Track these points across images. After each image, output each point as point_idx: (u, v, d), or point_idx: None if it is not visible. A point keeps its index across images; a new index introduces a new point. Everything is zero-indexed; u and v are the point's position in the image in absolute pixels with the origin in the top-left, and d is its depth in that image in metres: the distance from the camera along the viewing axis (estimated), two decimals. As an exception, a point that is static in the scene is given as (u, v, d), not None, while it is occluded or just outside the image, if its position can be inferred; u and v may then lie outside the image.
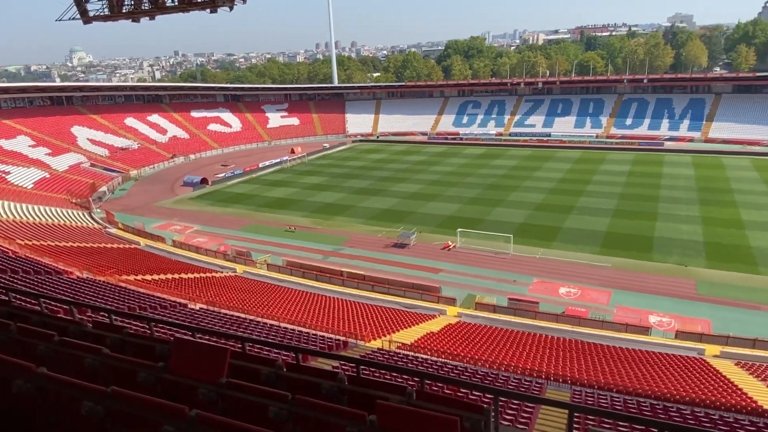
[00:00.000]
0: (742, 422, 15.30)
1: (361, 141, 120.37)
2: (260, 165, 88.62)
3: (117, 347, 7.41)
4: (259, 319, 26.85)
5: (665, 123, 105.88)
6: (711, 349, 27.92)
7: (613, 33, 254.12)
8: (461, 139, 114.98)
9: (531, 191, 67.10)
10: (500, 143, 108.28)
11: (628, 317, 32.69)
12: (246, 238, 51.72)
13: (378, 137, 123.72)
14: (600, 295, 37.31)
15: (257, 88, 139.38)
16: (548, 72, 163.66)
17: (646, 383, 21.23)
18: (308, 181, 78.52)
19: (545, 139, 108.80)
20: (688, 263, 41.89)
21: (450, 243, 48.39)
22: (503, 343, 27.21)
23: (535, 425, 13.80)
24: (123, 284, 29.06)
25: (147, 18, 15.77)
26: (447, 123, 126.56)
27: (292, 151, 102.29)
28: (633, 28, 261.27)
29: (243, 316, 26.82)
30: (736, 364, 25.74)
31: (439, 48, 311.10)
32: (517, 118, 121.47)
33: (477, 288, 39.15)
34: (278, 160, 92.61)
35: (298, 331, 25.07)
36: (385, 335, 27.02)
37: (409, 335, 27.66)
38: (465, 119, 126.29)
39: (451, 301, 35.88)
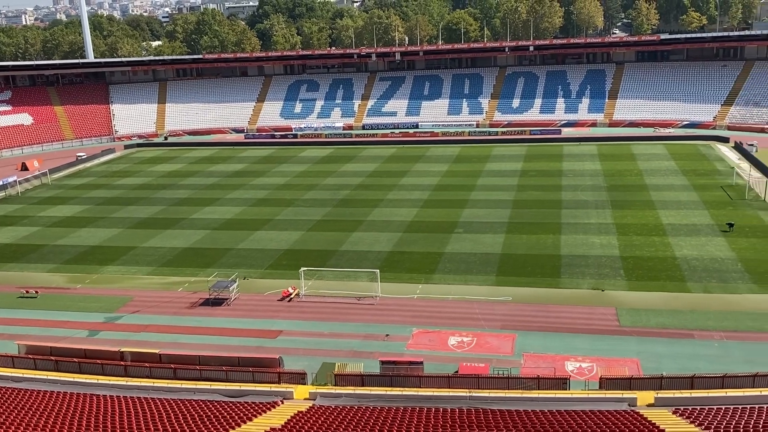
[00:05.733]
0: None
1: (139, 146, 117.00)
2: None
3: None
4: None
5: (560, 103, 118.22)
6: (643, 397, 31.39)
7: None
8: (295, 136, 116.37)
9: (398, 205, 69.91)
10: (351, 140, 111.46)
11: (539, 367, 35.41)
12: (-45, 316, 47.07)
13: (166, 138, 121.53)
14: (501, 341, 39.86)
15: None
16: (407, 39, 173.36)
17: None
18: (54, 213, 74.11)
19: (411, 132, 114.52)
20: (604, 286, 46.76)
21: (291, 290, 48.37)
22: (377, 427, 27.72)
23: None
24: None
25: None
26: (272, 113, 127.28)
27: (24, 168, 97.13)
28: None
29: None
30: (674, 412, 29.24)
31: (252, 5, 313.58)
32: (370, 103, 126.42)
33: (335, 352, 39.38)
34: (0, 183, 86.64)
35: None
36: (202, 442, 26.18)
37: (239, 437, 27.01)
38: (298, 107, 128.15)
39: (299, 378, 35.68)
